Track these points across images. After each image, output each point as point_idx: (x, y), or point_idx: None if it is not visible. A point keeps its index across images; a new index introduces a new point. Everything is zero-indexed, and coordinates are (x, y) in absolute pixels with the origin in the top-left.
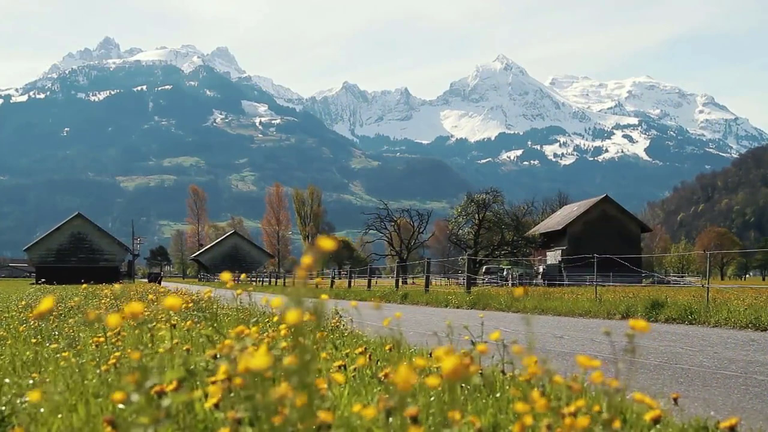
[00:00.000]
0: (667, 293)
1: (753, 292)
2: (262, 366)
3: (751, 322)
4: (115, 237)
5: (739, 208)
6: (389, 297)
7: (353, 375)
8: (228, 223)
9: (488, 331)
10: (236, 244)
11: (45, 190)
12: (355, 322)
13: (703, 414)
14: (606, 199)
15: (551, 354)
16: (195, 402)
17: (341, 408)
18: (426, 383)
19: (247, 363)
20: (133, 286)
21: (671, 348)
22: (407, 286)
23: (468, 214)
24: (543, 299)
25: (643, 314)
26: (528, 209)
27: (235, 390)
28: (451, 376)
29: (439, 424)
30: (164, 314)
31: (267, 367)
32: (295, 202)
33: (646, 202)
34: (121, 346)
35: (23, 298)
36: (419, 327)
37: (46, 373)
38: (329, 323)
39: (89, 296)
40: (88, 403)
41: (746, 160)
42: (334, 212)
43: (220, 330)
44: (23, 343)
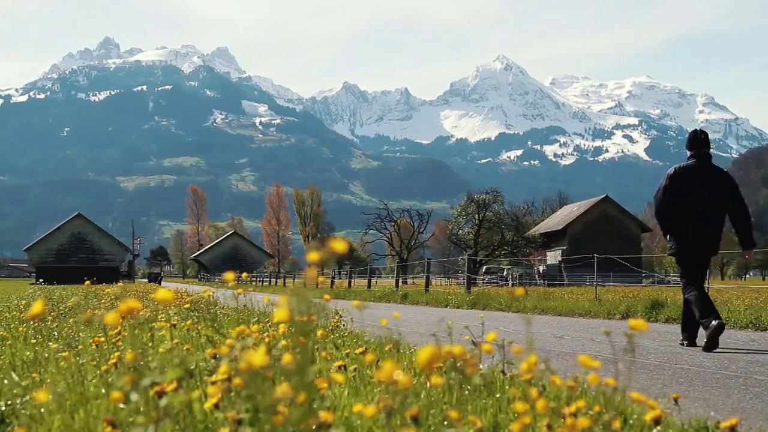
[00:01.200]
0: (667, 293)
1: (753, 292)
2: (261, 363)
3: (751, 322)
4: (115, 237)
5: None
6: (389, 297)
7: (353, 375)
8: (228, 223)
9: (488, 331)
10: (236, 244)
11: (45, 190)
12: (355, 321)
13: (704, 414)
14: (606, 199)
15: (551, 354)
16: (194, 402)
17: (341, 408)
18: (426, 383)
19: (246, 360)
20: (133, 286)
21: (671, 348)
22: (407, 286)
23: (468, 214)
24: (543, 299)
25: (643, 314)
26: (528, 209)
27: (235, 390)
28: (427, 367)
29: (439, 423)
30: (164, 314)
31: (266, 365)
32: (295, 202)
33: (646, 202)
34: (121, 346)
35: (23, 297)
36: (419, 327)
37: (46, 373)
38: (329, 323)
39: (89, 296)
40: (88, 403)
41: (746, 160)
42: (334, 212)
43: (220, 330)
44: (23, 342)
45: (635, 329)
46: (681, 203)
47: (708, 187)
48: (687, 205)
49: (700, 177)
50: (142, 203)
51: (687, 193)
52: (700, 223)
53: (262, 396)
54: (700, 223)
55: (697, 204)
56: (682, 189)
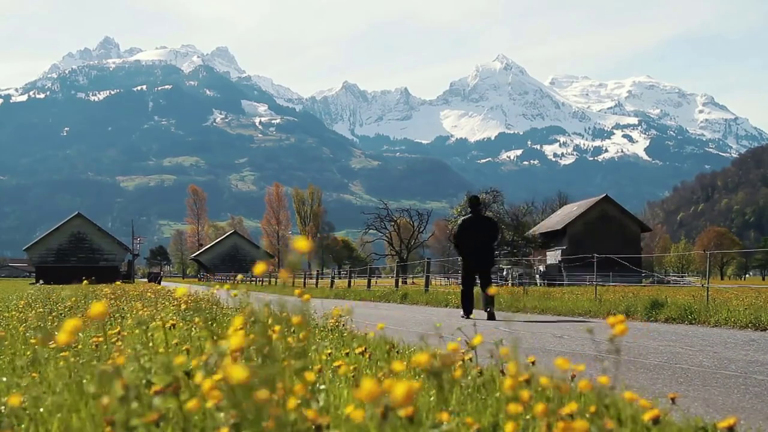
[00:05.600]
0: (667, 293)
1: (753, 292)
2: (241, 378)
3: (751, 322)
4: (115, 237)
5: (739, 207)
6: (389, 297)
7: (353, 375)
8: (228, 223)
9: (488, 331)
10: (236, 244)
11: (45, 190)
12: (355, 321)
13: (703, 414)
14: (606, 198)
15: (551, 354)
16: (186, 405)
17: (340, 408)
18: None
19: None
20: (133, 286)
21: (671, 348)
22: (407, 286)
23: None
24: (543, 299)
25: (643, 314)
26: (528, 209)
27: (229, 393)
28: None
29: (438, 423)
30: (164, 314)
31: (246, 378)
32: (295, 202)
33: (646, 202)
34: (120, 346)
35: (23, 297)
36: (419, 327)
37: (45, 373)
38: (329, 323)
39: (89, 296)
40: (87, 403)
41: (746, 160)
42: (334, 212)
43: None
44: (23, 342)
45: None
46: (465, 238)
47: (480, 229)
48: (469, 239)
49: (476, 223)
50: (142, 203)
51: (469, 233)
52: (475, 250)
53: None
54: (475, 249)
55: (474, 239)
56: (467, 230)
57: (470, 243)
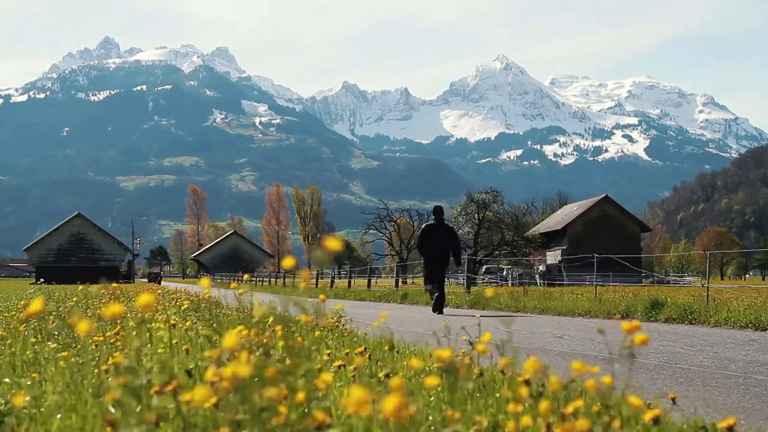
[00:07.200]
0: (667, 293)
1: (753, 292)
2: (246, 374)
3: (751, 322)
4: (115, 237)
5: (739, 208)
6: (389, 297)
7: (353, 375)
8: (228, 223)
9: (488, 331)
10: (236, 243)
11: (45, 190)
12: (355, 321)
13: (703, 414)
14: (606, 198)
15: (551, 354)
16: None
17: (340, 408)
18: (425, 383)
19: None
20: (132, 285)
21: (671, 348)
22: (407, 286)
23: (468, 214)
24: (543, 299)
25: (642, 314)
26: (528, 209)
27: (230, 392)
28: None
29: (438, 423)
30: (164, 314)
31: (252, 375)
32: (295, 201)
33: (646, 202)
34: (120, 345)
35: (23, 297)
36: (419, 327)
37: (45, 373)
38: (329, 323)
39: (89, 296)
40: (87, 403)
41: (746, 160)
42: (334, 212)
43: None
44: (23, 342)
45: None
46: (427, 242)
47: (440, 235)
48: (431, 243)
49: (438, 230)
50: (142, 203)
51: (430, 237)
52: (434, 253)
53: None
54: (435, 253)
55: (433, 244)
56: (429, 236)
57: (431, 247)
